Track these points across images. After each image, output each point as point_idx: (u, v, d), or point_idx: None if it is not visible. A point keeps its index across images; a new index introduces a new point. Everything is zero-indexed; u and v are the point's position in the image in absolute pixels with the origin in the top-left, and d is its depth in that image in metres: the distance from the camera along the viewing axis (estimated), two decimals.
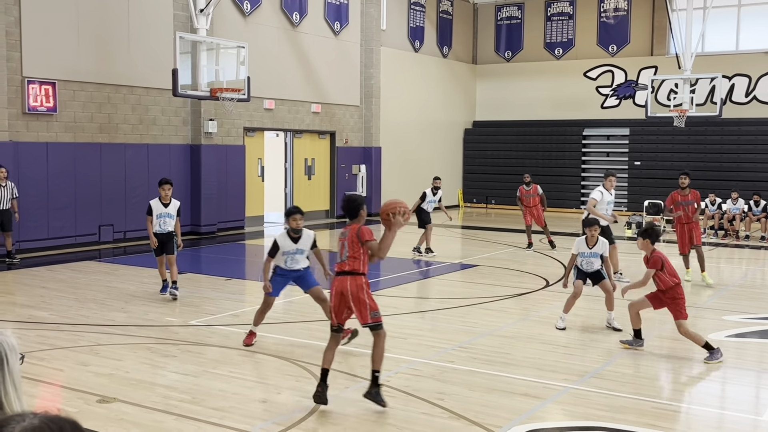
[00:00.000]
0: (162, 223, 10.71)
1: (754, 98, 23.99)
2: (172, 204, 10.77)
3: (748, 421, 6.35)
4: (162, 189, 10.74)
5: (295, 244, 8.30)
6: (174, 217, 10.81)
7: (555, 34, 27.33)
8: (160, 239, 10.72)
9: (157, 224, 10.67)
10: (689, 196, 12.51)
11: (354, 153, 23.36)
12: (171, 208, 10.78)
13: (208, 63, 15.59)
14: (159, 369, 7.41)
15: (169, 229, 10.73)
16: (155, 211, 10.68)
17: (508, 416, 6.20)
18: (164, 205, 10.71)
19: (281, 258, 8.28)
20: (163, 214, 10.73)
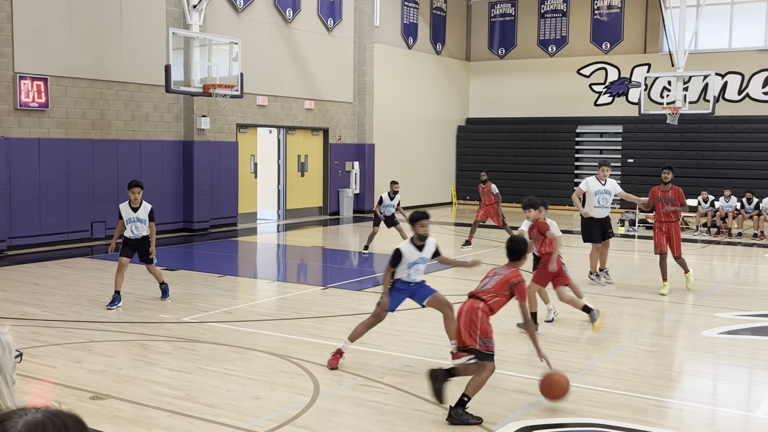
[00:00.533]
0: (133, 228, 10.10)
1: (746, 96, 24.05)
2: (142, 208, 10.13)
3: (741, 417, 6.36)
4: (132, 192, 10.09)
5: (420, 252, 7.45)
6: (146, 221, 10.16)
7: (548, 32, 27.34)
8: (132, 245, 10.13)
9: (129, 229, 10.10)
10: (669, 193, 11.67)
11: (347, 150, 23.33)
12: (141, 213, 10.14)
13: (201, 59, 15.54)
14: (152, 366, 7.38)
15: (143, 234, 10.14)
16: (124, 215, 10.12)
17: (502, 413, 6.20)
18: (133, 209, 10.11)
19: (404, 269, 7.37)
20: (133, 218, 10.11)
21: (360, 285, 12.02)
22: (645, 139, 25.14)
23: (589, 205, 12.00)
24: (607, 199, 12.00)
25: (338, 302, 10.62)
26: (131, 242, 10.13)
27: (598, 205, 11.96)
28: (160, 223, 17.25)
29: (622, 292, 11.45)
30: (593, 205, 11.94)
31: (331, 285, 11.86)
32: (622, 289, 11.78)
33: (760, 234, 18.46)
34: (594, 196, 11.93)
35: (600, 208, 11.97)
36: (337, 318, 9.62)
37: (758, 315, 10.13)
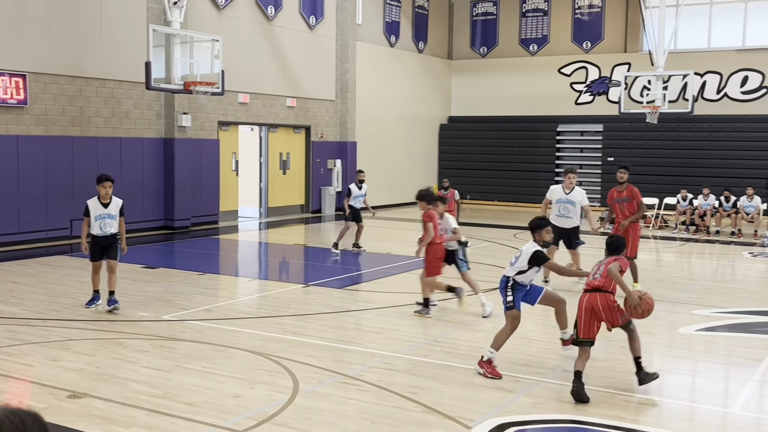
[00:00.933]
0: (103, 225, 9.54)
1: (725, 95, 24.28)
2: (113, 203, 9.60)
3: (718, 413, 6.43)
4: (102, 186, 9.51)
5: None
6: (116, 217, 9.66)
7: (530, 30, 27.45)
8: (102, 243, 9.58)
9: (98, 226, 9.51)
10: (624, 193, 11.08)
11: (329, 147, 23.30)
12: (112, 208, 9.61)
13: (182, 56, 15.47)
14: (131, 364, 7.35)
15: (112, 231, 9.60)
16: (93, 212, 9.50)
17: (481, 410, 6.23)
18: (104, 205, 9.54)
19: (531, 275, 7.42)
20: (103, 215, 9.56)
21: (341, 283, 12.02)
22: (625, 138, 25.32)
23: (552, 213, 11.39)
24: (568, 209, 11.33)
25: (319, 300, 10.61)
26: (100, 240, 9.55)
27: (559, 214, 11.34)
28: (141, 221, 17.27)
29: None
30: (555, 213, 11.35)
31: (312, 283, 11.85)
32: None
33: (738, 232, 18.65)
34: (555, 205, 11.39)
35: (560, 218, 11.31)
36: (317, 316, 9.61)
37: (735, 312, 10.24)
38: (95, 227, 9.55)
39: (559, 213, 11.35)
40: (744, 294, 11.67)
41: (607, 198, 11.45)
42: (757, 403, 6.76)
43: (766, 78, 23.64)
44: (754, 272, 14.24)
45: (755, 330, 9.40)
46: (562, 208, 11.37)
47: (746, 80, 23.95)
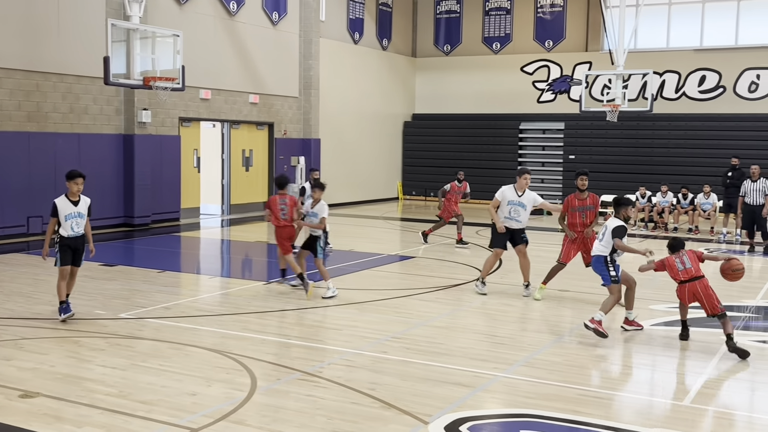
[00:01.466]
0: (74, 225, 8.90)
1: (683, 94, 24.67)
2: (82, 201, 8.95)
3: (674, 406, 6.53)
4: (74, 183, 8.84)
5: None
6: (85, 216, 9.02)
7: (493, 29, 27.61)
8: (73, 245, 8.89)
9: (69, 227, 8.84)
10: (587, 201, 10.65)
11: (293, 144, 23.21)
12: (82, 207, 8.96)
13: (142, 51, 15.30)
14: (86, 363, 7.24)
15: (82, 232, 8.99)
16: (63, 211, 8.80)
17: (438, 405, 6.26)
18: (73, 203, 8.88)
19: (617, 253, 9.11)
20: (74, 213, 8.88)
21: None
22: (586, 136, 25.60)
23: (501, 215, 10.95)
24: (519, 211, 10.91)
25: (280, 297, 10.57)
26: (70, 242, 8.85)
27: (509, 216, 10.92)
28: (100, 218, 17.03)
29: (562, 286, 11.64)
30: (504, 215, 10.93)
31: (273, 280, 11.79)
32: (562, 283, 11.96)
33: (695, 228, 18.97)
34: (506, 206, 10.91)
35: (510, 220, 10.94)
36: (278, 313, 9.57)
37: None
38: (66, 228, 8.83)
39: (509, 215, 10.93)
40: None
41: (566, 205, 10.68)
42: (710, 396, 6.88)
43: (723, 78, 24.07)
44: (711, 268, 14.46)
45: (710, 324, 9.56)
46: (513, 210, 10.95)
47: (704, 80, 24.37)
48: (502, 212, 10.94)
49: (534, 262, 11.51)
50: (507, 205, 10.89)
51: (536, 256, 15.32)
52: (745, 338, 8.73)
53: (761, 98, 23.63)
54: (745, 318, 9.88)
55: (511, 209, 10.90)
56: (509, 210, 10.91)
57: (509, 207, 10.90)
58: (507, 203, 10.89)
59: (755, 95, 23.72)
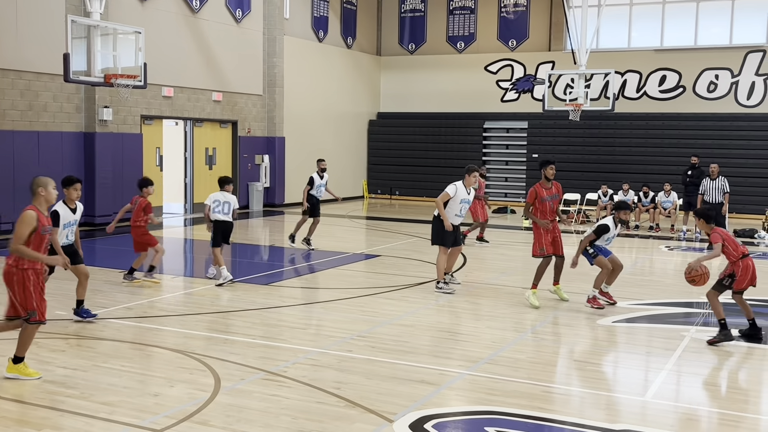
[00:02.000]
0: (70, 234, 8.59)
1: (644, 94, 25.02)
2: (78, 207, 8.64)
3: (637, 402, 6.61)
4: (74, 189, 8.44)
5: (616, 229, 10.41)
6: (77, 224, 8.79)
7: (457, 28, 27.72)
8: (68, 254, 8.08)
9: (65, 235, 8.43)
10: (553, 189, 10.55)
11: (257, 143, 23.07)
12: (78, 213, 8.66)
13: (103, 48, 15.08)
14: (45, 364, 7.11)
15: (73, 240, 8.75)
16: (63, 220, 8.35)
17: (403, 403, 6.26)
18: (72, 211, 8.55)
19: (603, 241, 10.31)
20: (72, 221, 8.55)
21: (267, 279, 11.90)
22: (549, 135, 25.84)
23: (450, 211, 10.84)
24: (466, 209, 10.98)
25: (244, 297, 10.49)
26: (66, 250, 8.23)
27: (459, 214, 10.90)
28: None
29: (525, 283, 11.73)
30: (454, 212, 10.86)
31: (238, 280, 11.70)
32: (526, 280, 12.07)
33: (656, 226, 19.26)
34: (458, 204, 10.83)
35: (459, 217, 10.97)
36: (241, 312, 9.51)
37: (653, 304, 10.57)
38: (61, 237, 8.34)
39: (459, 213, 10.93)
40: (661, 286, 12.04)
41: (532, 196, 10.32)
42: (670, 391, 6.99)
43: (683, 77, 24.45)
44: (671, 265, 14.72)
45: (671, 321, 9.73)
46: (463, 208, 10.93)
47: (664, 79, 24.73)
48: (453, 209, 10.86)
49: (502, 260, 11.60)
50: (459, 203, 10.84)
51: (501, 255, 15.45)
52: (704, 334, 8.88)
53: (720, 98, 24.06)
54: (704, 314, 10.05)
55: (461, 207, 10.90)
56: (460, 208, 10.90)
57: (461, 205, 10.88)
58: (460, 201, 10.83)
59: (714, 95, 24.14)
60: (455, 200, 10.78)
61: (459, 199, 10.79)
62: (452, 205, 10.82)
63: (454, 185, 10.88)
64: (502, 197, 26.51)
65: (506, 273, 12.87)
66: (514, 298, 10.75)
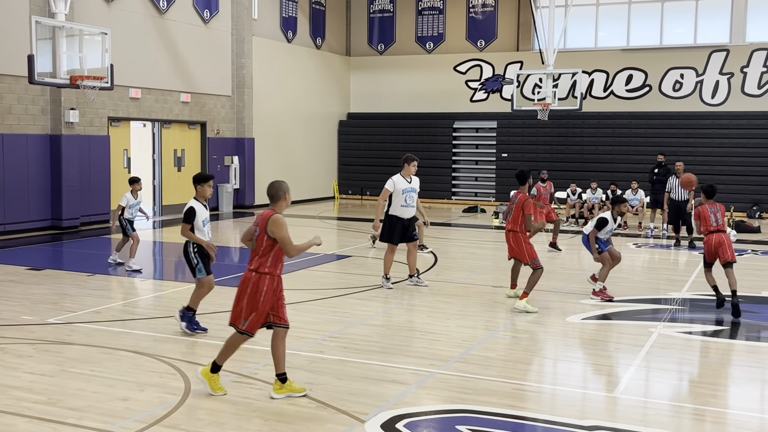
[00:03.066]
0: (209, 230, 8.62)
1: (611, 93, 25.28)
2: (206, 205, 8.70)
3: (606, 398, 6.68)
4: (208, 186, 8.49)
5: (614, 223, 11.02)
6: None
7: (426, 29, 27.80)
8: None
9: (206, 232, 8.48)
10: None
11: (226, 144, 22.94)
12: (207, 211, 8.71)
13: (69, 50, 14.89)
14: (12, 370, 7.01)
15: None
16: (200, 216, 8.37)
17: (375, 403, 6.27)
18: (205, 207, 8.58)
19: (604, 234, 10.94)
20: (208, 218, 8.64)
21: (237, 281, 11.79)
22: (518, 134, 26.00)
23: (396, 204, 11.09)
24: (413, 197, 11.20)
25: (213, 299, 10.39)
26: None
27: (405, 204, 11.11)
28: (27, 221, 16.55)
29: (496, 282, 11.81)
30: (400, 204, 11.09)
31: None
32: (496, 279, 12.15)
33: (624, 224, 19.45)
34: (401, 195, 11.08)
35: (407, 207, 11.15)
36: (211, 315, 9.44)
37: (621, 300, 10.69)
38: (204, 233, 8.43)
39: (405, 203, 11.10)
40: (629, 283, 12.18)
41: (530, 207, 10.18)
42: (639, 386, 7.08)
43: (649, 77, 24.76)
44: (639, 262, 14.89)
45: (639, 317, 9.84)
46: (408, 197, 11.13)
47: (630, 79, 25.02)
48: (398, 202, 11.13)
49: (472, 259, 11.65)
50: (402, 194, 11.12)
51: (471, 254, 15.51)
52: (671, 329, 9.00)
53: (685, 97, 24.39)
54: (671, 310, 10.19)
55: (406, 196, 11.16)
56: (405, 198, 11.15)
57: (404, 195, 11.14)
58: (402, 192, 11.11)
59: (679, 94, 24.47)
60: (397, 193, 11.11)
61: (400, 191, 11.10)
62: (396, 199, 11.13)
63: (391, 179, 11.17)
64: (472, 197, 26.63)
65: (477, 272, 12.93)
66: (484, 297, 10.81)
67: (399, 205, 11.15)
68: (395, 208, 11.16)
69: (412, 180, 11.27)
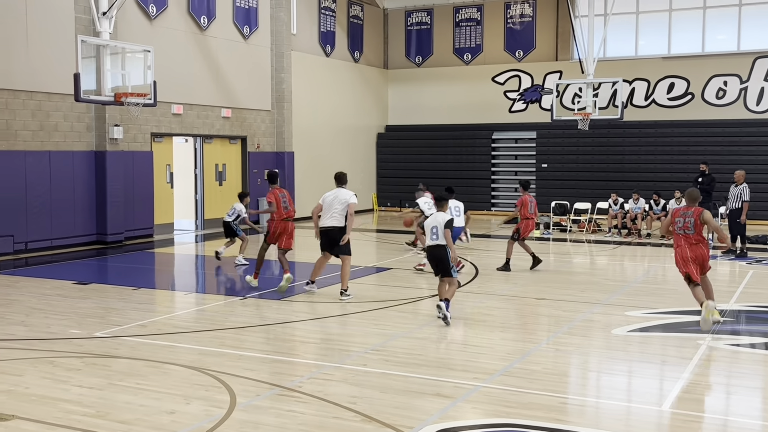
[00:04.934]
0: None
1: (652, 101, 24.98)
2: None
3: (653, 412, 6.57)
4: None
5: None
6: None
7: (463, 40, 27.80)
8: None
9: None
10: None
11: (266, 158, 23.14)
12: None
13: (113, 67, 15.17)
14: (61, 383, 7.13)
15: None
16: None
17: (419, 417, 6.25)
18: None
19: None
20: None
21: (280, 294, 11.90)
22: (558, 144, 25.81)
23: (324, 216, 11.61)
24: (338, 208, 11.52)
25: (257, 312, 10.50)
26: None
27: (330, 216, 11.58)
28: (72, 236, 16.87)
29: (539, 294, 11.71)
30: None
31: (249, 295, 11.72)
32: (538, 291, 12.04)
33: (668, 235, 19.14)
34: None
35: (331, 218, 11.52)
36: (255, 328, 9.51)
37: (667, 312, 10.52)
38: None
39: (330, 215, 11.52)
40: (674, 295, 11.98)
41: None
42: (688, 400, 6.94)
43: (691, 85, 24.42)
44: None
45: (685, 329, 9.67)
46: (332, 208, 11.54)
47: (672, 87, 24.70)
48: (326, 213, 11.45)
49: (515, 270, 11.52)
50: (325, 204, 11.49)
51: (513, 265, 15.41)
52: (719, 342, 8.83)
53: (729, 104, 24.00)
54: (719, 322, 9.99)
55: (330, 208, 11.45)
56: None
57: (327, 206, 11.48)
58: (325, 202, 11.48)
59: (723, 101, 24.08)
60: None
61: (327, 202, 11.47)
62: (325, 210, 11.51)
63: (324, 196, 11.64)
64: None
65: (519, 284, 12.83)
66: (527, 309, 10.72)
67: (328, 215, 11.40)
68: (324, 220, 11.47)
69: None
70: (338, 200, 11.42)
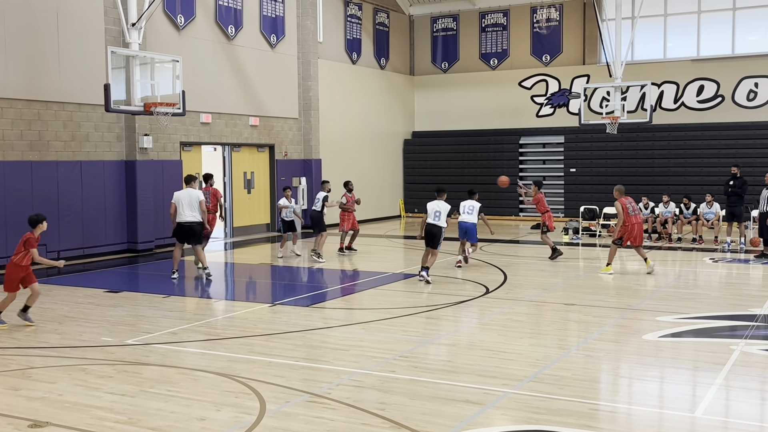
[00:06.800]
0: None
1: (682, 104, 24.73)
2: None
3: (686, 418, 6.49)
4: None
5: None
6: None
7: (490, 45, 27.75)
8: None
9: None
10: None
11: (294, 165, 23.27)
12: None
13: (142, 77, 15.35)
14: (94, 390, 7.22)
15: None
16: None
17: (449, 423, 6.23)
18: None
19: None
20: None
21: (308, 301, 11.96)
22: (586, 149, 25.63)
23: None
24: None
25: (286, 319, 10.55)
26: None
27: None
28: (103, 245, 17.08)
29: (568, 299, 11.62)
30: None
31: (278, 302, 11.78)
32: (568, 296, 11.96)
33: (699, 238, 18.93)
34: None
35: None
36: (284, 335, 9.55)
37: (698, 317, 10.39)
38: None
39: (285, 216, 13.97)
40: (706, 299, 11.84)
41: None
42: (721, 406, 6.85)
43: (721, 87, 24.13)
44: (716, 278, 14.47)
45: (718, 334, 9.55)
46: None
47: (702, 89, 24.43)
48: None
49: (543, 276, 11.45)
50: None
51: (542, 271, 15.30)
52: (753, 347, 8.70)
53: (760, 106, 23.68)
54: (752, 327, 9.85)
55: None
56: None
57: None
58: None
59: (754, 103, 23.77)
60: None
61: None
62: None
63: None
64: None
65: (548, 289, 12.76)
66: (557, 315, 10.65)
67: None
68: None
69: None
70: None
